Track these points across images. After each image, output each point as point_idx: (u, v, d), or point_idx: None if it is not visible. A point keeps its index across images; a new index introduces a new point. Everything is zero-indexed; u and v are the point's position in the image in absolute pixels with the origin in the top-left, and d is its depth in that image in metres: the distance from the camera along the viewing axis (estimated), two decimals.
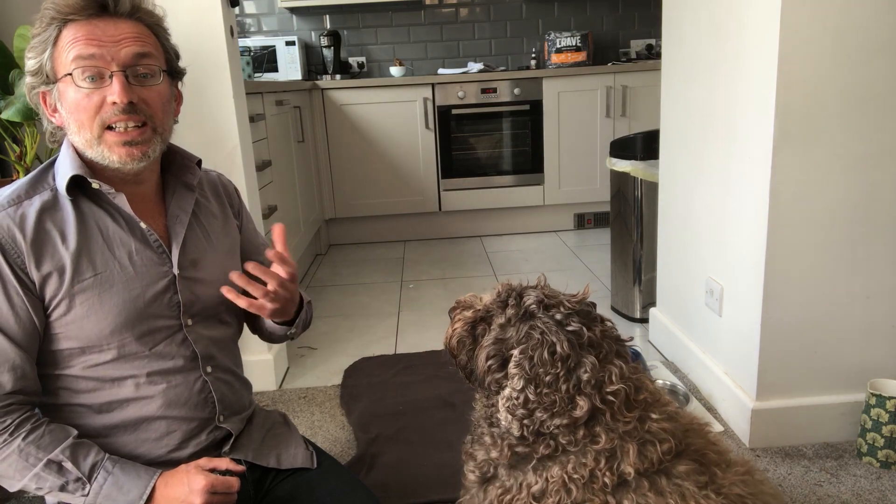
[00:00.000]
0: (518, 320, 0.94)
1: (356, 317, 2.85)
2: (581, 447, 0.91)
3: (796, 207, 1.56)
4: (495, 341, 0.96)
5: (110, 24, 1.00)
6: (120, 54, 0.99)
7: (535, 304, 0.94)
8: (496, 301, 0.99)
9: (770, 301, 1.61)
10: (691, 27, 1.96)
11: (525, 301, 0.95)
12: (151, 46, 1.04)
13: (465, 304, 1.05)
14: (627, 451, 0.89)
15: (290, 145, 3.26)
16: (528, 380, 0.90)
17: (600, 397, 0.90)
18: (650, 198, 2.47)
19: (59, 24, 0.99)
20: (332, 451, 1.78)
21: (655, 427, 0.92)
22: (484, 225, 4.19)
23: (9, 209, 1.00)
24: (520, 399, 0.90)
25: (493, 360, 0.95)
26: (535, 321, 0.93)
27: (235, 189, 1.33)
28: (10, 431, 0.96)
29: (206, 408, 1.13)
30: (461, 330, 1.02)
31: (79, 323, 1.01)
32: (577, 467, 0.90)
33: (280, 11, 4.41)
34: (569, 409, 0.89)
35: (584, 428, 0.91)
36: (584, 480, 0.89)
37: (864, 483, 1.54)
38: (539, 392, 0.90)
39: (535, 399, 0.90)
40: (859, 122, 1.52)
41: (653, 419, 0.92)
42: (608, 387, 0.90)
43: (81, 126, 1.01)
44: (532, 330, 0.92)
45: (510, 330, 0.95)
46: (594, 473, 0.89)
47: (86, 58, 0.98)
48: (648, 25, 4.55)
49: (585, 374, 0.89)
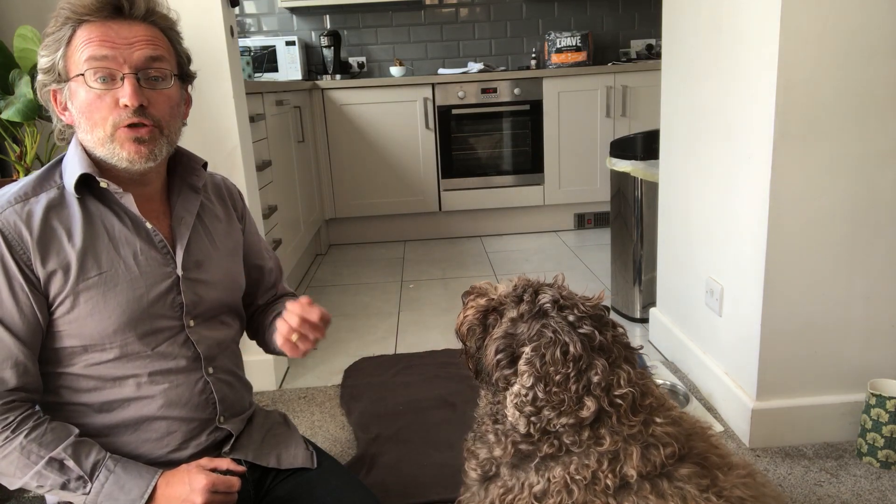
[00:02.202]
0: (531, 317, 0.94)
1: (356, 317, 2.85)
2: (585, 448, 0.91)
3: (796, 207, 1.56)
4: (505, 335, 0.95)
5: (124, 27, 1.00)
6: (132, 57, 1.00)
7: (549, 303, 0.94)
8: (511, 294, 0.98)
9: (770, 301, 1.62)
10: (691, 27, 1.96)
11: (540, 299, 0.95)
12: (164, 50, 1.04)
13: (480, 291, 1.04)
14: (631, 454, 0.89)
15: (291, 145, 3.26)
16: (539, 378, 0.90)
17: (608, 399, 0.90)
18: (650, 198, 2.47)
19: (74, 24, 1.00)
20: (332, 451, 1.78)
21: (659, 431, 0.92)
22: (484, 225, 4.19)
23: (16, 206, 1.00)
24: (528, 396, 0.90)
25: (503, 354, 0.95)
26: (548, 320, 0.93)
27: (240, 193, 1.33)
28: (12, 428, 0.96)
29: (206, 408, 1.13)
30: (472, 317, 1.01)
31: (82, 321, 1.01)
32: (580, 468, 0.90)
33: (280, 11, 4.41)
34: (576, 409, 0.90)
35: (589, 429, 0.91)
36: (587, 482, 0.89)
37: (864, 483, 1.54)
38: (548, 391, 0.90)
39: (544, 397, 0.90)
40: (859, 122, 1.52)
41: (657, 423, 0.92)
42: (616, 390, 0.90)
43: (94, 125, 1.01)
44: (545, 328, 0.92)
45: (521, 326, 0.94)
46: (596, 475, 0.89)
47: (98, 59, 0.98)
48: (648, 25, 4.55)
49: (596, 377, 0.89)
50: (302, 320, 1.08)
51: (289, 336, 1.08)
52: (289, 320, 1.08)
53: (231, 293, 1.21)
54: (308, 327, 1.08)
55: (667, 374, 2.08)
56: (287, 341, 1.09)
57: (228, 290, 1.20)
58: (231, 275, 1.21)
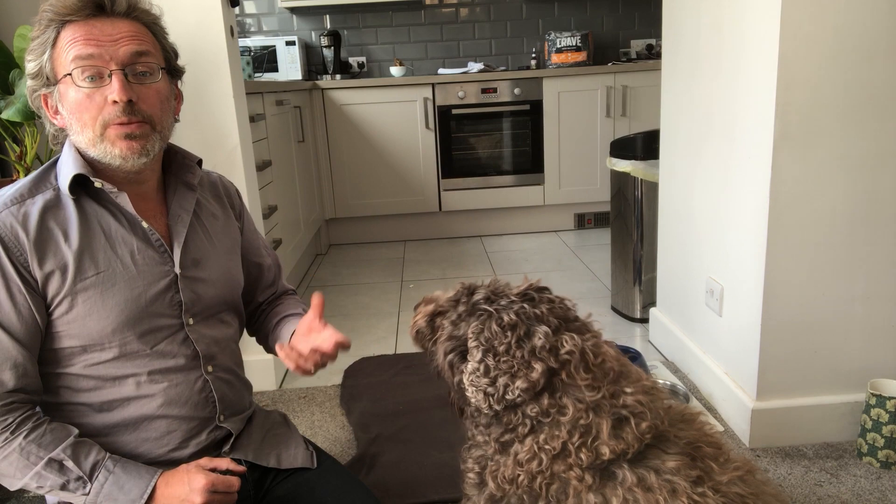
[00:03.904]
0: (468, 315, 0.99)
1: (356, 317, 2.85)
2: (552, 419, 0.92)
3: (796, 207, 1.56)
4: (450, 337, 1.00)
5: (108, 24, 1.00)
6: (118, 53, 1.00)
7: (482, 299, 0.99)
8: (450, 299, 1.04)
9: (770, 301, 1.62)
10: (691, 27, 1.96)
11: (473, 297, 1.00)
12: (149, 45, 1.04)
13: (428, 300, 1.10)
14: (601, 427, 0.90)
15: (291, 145, 3.26)
16: (486, 350, 0.94)
17: (555, 359, 0.92)
18: (650, 198, 2.47)
19: (58, 26, 1.00)
20: (332, 451, 1.78)
21: (631, 400, 0.92)
22: (484, 225, 4.19)
23: (12, 207, 1.00)
24: (481, 368, 0.94)
25: (452, 354, 0.99)
26: (482, 308, 0.98)
27: (237, 190, 1.33)
28: (11, 430, 0.96)
29: (206, 407, 1.13)
30: (421, 322, 1.07)
31: (81, 321, 1.01)
32: (549, 438, 0.91)
33: (280, 11, 4.42)
34: (527, 372, 0.92)
35: (548, 397, 0.92)
36: (555, 452, 0.90)
37: (864, 483, 1.54)
38: (497, 359, 0.93)
39: (494, 365, 0.93)
40: (859, 122, 1.52)
41: (626, 393, 0.93)
42: (562, 350, 0.93)
43: (84, 126, 1.01)
44: (481, 314, 0.97)
45: (462, 325, 0.99)
46: (566, 447, 0.90)
47: (84, 58, 0.98)
48: (648, 25, 4.55)
49: (539, 341, 0.92)
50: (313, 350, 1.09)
51: (299, 361, 1.10)
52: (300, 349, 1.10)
53: (230, 291, 1.21)
54: (319, 354, 1.10)
55: (667, 374, 2.08)
56: (298, 367, 1.11)
57: (227, 287, 1.20)
58: (229, 272, 1.21)
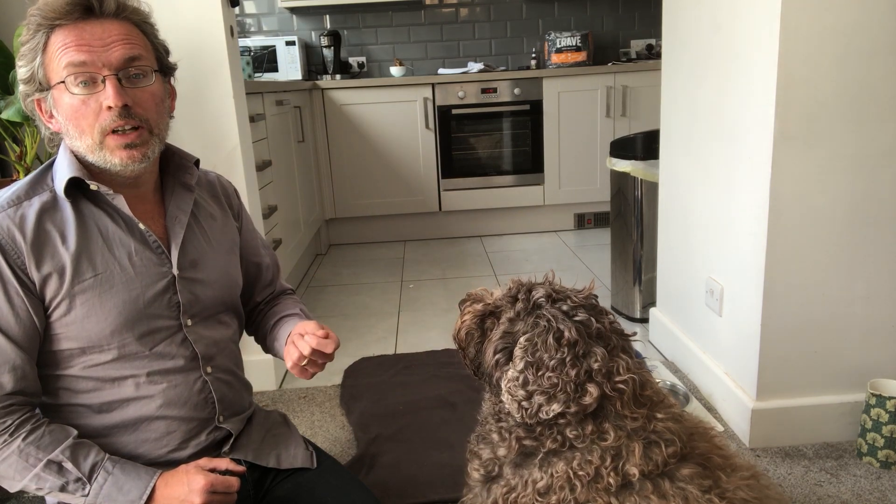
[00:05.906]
0: (526, 314, 0.96)
1: (356, 317, 2.85)
2: (588, 443, 0.90)
3: (796, 207, 1.56)
4: (503, 335, 0.97)
5: (97, 26, 0.99)
6: (111, 58, 0.99)
7: (543, 297, 0.96)
8: (506, 296, 1.00)
9: (770, 301, 1.61)
10: (691, 27, 1.96)
11: (534, 295, 0.97)
12: (141, 47, 1.03)
13: (476, 297, 1.06)
14: (633, 451, 0.89)
15: (290, 145, 3.26)
16: (530, 363, 0.91)
17: (611, 386, 0.90)
18: (650, 198, 2.47)
19: (47, 31, 0.99)
20: (332, 451, 1.78)
21: (661, 426, 0.91)
22: (484, 225, 4.19)
23: (8, 210, 1.00)
24: (520, 380, 0.91)
25: (501, 353, 0.96)
26: (543, 311, 0.94)
27: (235, 190, 1.33)
28: (10, 432, 0.96)
29: (206, 408, 1.13)
30: (470, 322, 1.03)
31: (79, 323, 1.01)
32: (583, 464, 0.89)
33: (280, 11, 4.41)
34: (577, 396, 0.89)
35: (592, 422, 0.91)
36: (590, 478, 0.89)
37: (864, 483, 1.54)
38: (539, 375, 0.90)
39: (534, 381, 0.90)
40: (859, 122, 1.52)
41: (658, 419, 0.92)
42: (617, 377, 0.90)
43: (82, 132, 1.00)
44: (539, 319, 0.94)
45: (519, 323, 0.96)
46: (599, 472, 0.89)
47: (77, 65, 0.97)
48: (648, 25, 4.55)
49: (596, 364, 0.90)
50: (314, 350, 1.09)
51: (299, 362, 1.11)
52: (301, 349, 1.10)
53: (228, 291, 1.21)
54: (318, 354, 1.10)
55: (667, 374, 2.08)
56: (297, 366, 1.11)
57: (225, 288, 1.20)
58: (227, 273, 1.21)
